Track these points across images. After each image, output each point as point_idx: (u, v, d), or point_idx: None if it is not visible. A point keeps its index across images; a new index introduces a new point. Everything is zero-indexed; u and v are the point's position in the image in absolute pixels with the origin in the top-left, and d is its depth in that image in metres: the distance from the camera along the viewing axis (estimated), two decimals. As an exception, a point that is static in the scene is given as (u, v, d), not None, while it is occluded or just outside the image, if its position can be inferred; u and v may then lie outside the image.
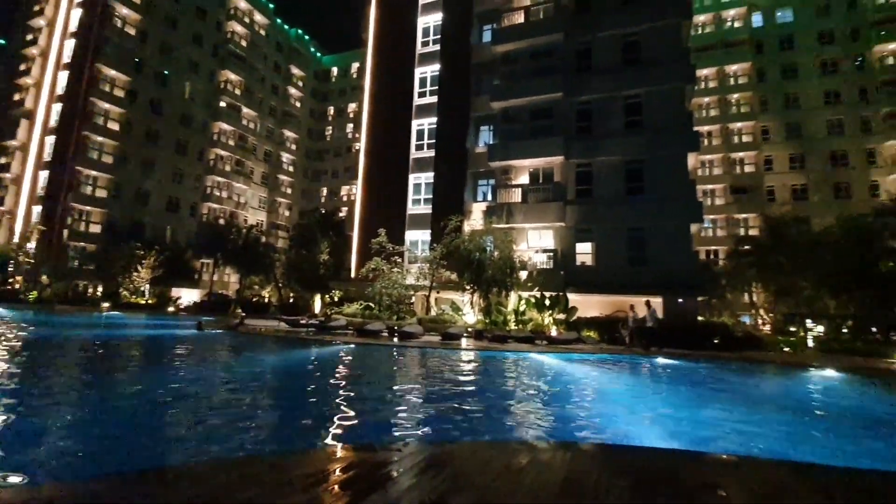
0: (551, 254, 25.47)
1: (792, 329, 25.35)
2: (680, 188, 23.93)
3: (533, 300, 21.65)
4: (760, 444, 5.97)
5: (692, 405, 8.58)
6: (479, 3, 31.15)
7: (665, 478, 3.54)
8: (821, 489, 3.47)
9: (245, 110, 56.50)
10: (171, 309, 36.06)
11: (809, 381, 12.51)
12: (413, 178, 31.36)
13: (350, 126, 63.86)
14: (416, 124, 32.08)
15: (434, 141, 30.76)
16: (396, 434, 5.37)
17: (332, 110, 66.97)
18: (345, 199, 60.53)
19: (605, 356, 15.06)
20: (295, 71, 64.96)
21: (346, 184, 60.95)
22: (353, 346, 15.36)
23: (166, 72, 48.39)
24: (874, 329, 22.25)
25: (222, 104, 53.74)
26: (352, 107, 63.73)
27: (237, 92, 55.40)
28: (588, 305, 22.98)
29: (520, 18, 29.20)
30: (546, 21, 28.15)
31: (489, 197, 28.75)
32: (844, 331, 23.60)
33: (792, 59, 46.54)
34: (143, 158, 45.96)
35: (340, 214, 52.85)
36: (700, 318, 23.40)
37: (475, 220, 26.14)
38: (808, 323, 25.01)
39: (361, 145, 34.68)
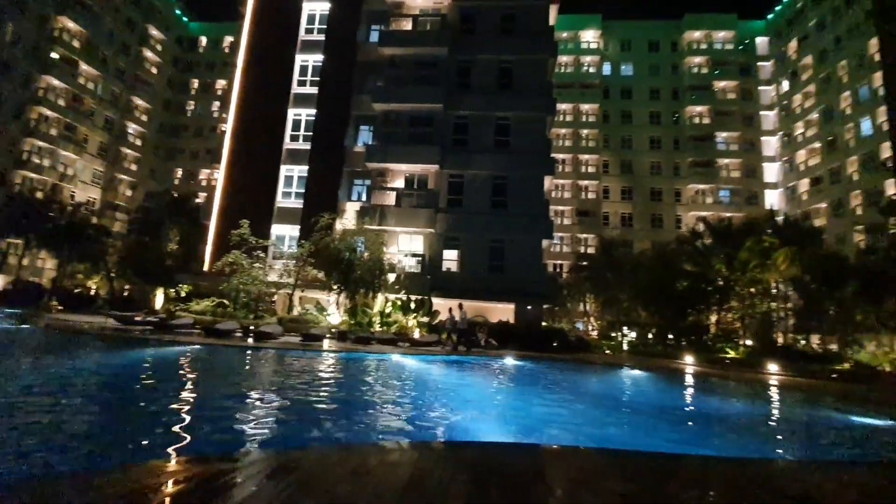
0: (420, 258, 26.36)
1: (613, 335, 30.08)
2: (536, 206, 26.80)
3: (399, 303, 22.14)
4: (581, 432, 7.11)
5: (531, 401, 9.76)
6: (368, 2, 30.90)
7: (501, 470, 3.76)
8: (629, 472, 4.06)
9: (84, 67, 46.95)
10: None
11: (620, 379, 15.07)
12: (285, 170, 29.68)
13: (217, 104, 57.45)
14: (292, 113, 30.44)
15: (311, 134, 29.54)
16: (238, 443, 5.03)
17: (196, 83, 59.47)
18: (204, 183, 54.21)
19: (461, 357, 16.12)
20: (154, 32, 56.16)
21: (206, 167, 54.64)
22: (198, 347, 13.96)
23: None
24: (671, 336, 27.51)
25: (54, 55, 44.02)
26: (221, 83, 57.35)
27: (76, 44, 45.93)
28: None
29: (408, 25, 29.75)
30: (432, 33, 29.15)
31: (364, 197, 28.61)
32: (650, 337, 28.74)
33: (629, 107, 55.39)
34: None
35: (197, 200, 47.24)
36: (544, 323, 26.41)
37: (348, 219, 25.77)
38: (625, 330, 30.01)
39: (228, 126, 31.64)
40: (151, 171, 56.15)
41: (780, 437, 8.24)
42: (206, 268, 28.39)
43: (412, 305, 21.96)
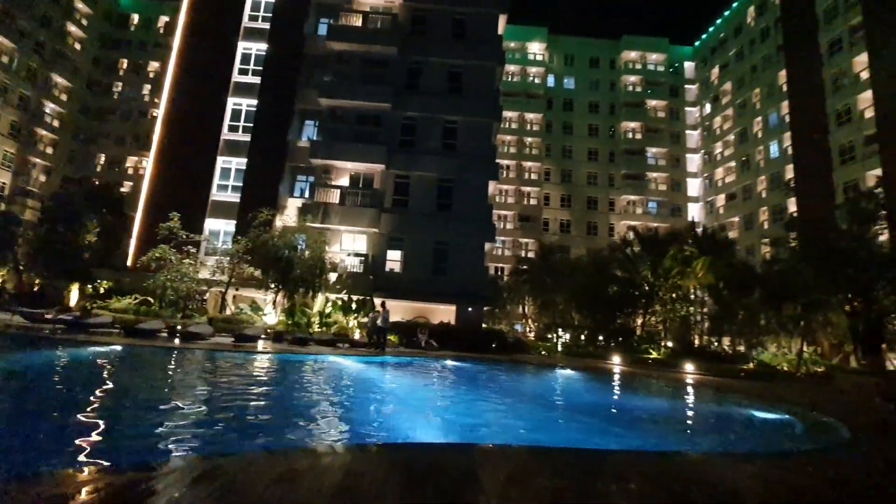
0: (363, 258, 26.07)
1: (549, 336, 31.35)
2: (480, 210, 27.38)
3: (340, 303, 21.78)
4: (513, 431, 7.41)
5: (468, 401, 10.01)
6: (317, -7, 30.14)
7: (435, 471, 3.79)
8: (558, 469, 4.26)
9: (-3, 38, 41.93)
10: None
11: (552, 378, 15.78)
12: (222, 161, 28.23)
13: (148, 87, 53.34)
14: (232, 102, 29.03)
15: (252, 125, 28.31)
16: (151, 453, 4.62)
17: (125, 64, 54.82)
18: (130, 172, 50.15)
19: (401, 359, 16.17)
20: (80, 5, 51.07)
21: (134, 154, 50.47)
22: (116, 348, 12.99)
23: None
24: (601, 337, 29.09)
25: (-39, 23, 38.82)
26: (154, 65, 53.32)
27: (-12, 13, 40.79)
28: (392, 310, 24.19)
29: (358, 22, 29.33)
30: (383, 32, 28.95)
31: (307, 194, 27.87)
32: (583, 338, 30.24)
33: (570, 119, 57.97)
34: None
35: (122, 190, 43.72)
36: (484, 325, 27.03)
37: (289, 215, 25.00)
38: (560, 331, 31.38)
39: (160, 112, 29.61)
40: (71, 156, 51.06)
41: (692, 431, 9.06)
42: (130, 263, 26.37)
43: (354, 306, 21.69)
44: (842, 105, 37.83)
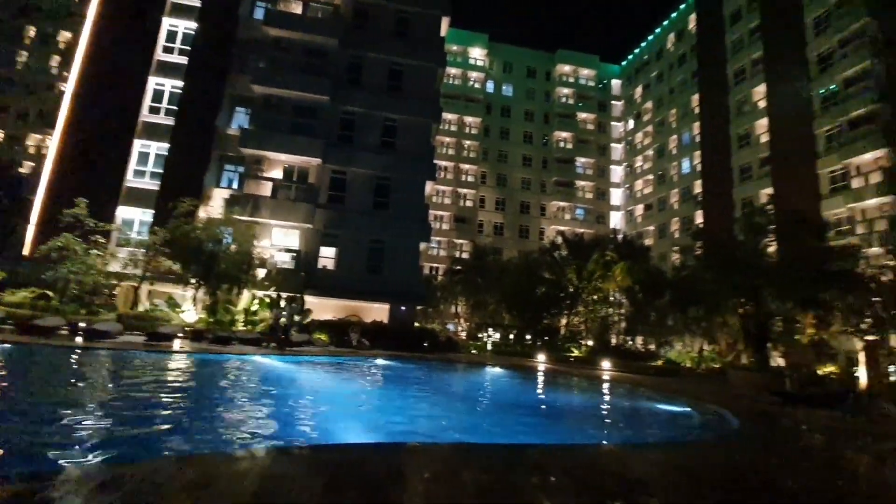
0: (294, 254, 25.23)
1: (480, 335, 32.20)
2: (417, 210, 27.52)
3: (268, 300, 20.92)
4: (441, 428, 7.61)
5: (395, 400, 10.10)
6: (252, -26, 28.64)
7: (359, 472, 3.74)
8: (483, 464, 4.44)
9: None
10: None
11: (481, 376, 16.29)
12: (140, 145, 26.00)
13: (57, 59, 47.57)
14: (154, 82, 26.83)
15: (176, 108, 26.31)
16: (37, 462, 4.24)
17: (31, 32, 48.47)
18: (32, 151, 44.51)
19: (331, 358, 15.89)
20: None
21: (37, 131, 44.85)
22: (7, 346, 11.63)
23: None
24: (529, 336, 30.37)
25: None
26: (66, 35, 47.62)
27: None
28: (324, 308, 23.72)
29: (298, 9, 28.33)
30: (324, 22, 28.16)
31: (235, 185, 26.45)
32: (511, 337, 31.39)
33: (507, 125, 59.84)
34: None
35: (21, 170, 38.70)
36: (417, 324, 27.22)
37: (214, 207, 23.56)
38: (490, 331, 32.36)
39: (69, 87, 26.62)
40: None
41: (606, 423, 9.81)
42: (26, 251, 23.52)
43: (282, 303, 20.88)
44: (743, 129, 42.42)
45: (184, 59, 26.97)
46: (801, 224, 23.95)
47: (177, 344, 14.97)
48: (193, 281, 19.69)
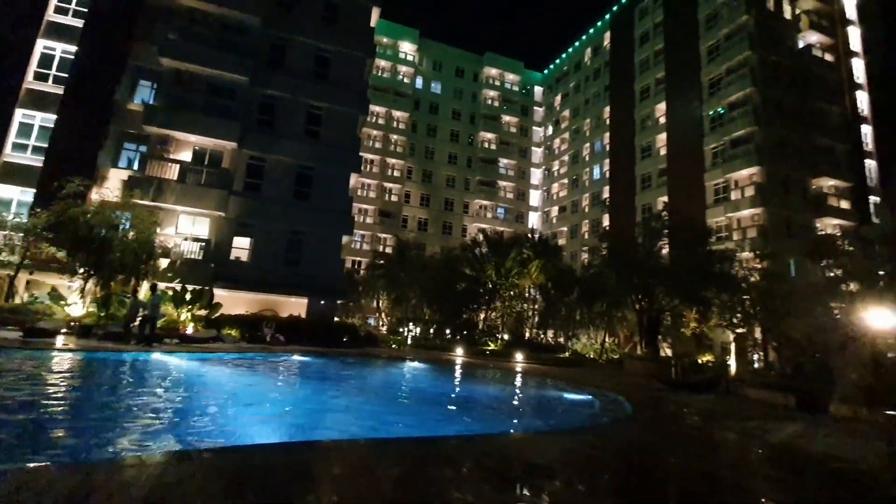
0: (203, 244, 23.51)
1: (401, 330, 32.34)
2: (340, 202, 26.91)
3: (171, 293, 19.33)
4: (354, 423, 7.64)
5: (308, 398, 9.93)
6: (160, -66, 25.97)
7: (262, 474, 3.60)
8: (396, 458, 4.55)
9: None
10: None
11: (399, 370, 16.46)
12: (22, 115, 22.58)
13: None
14: (42, 45, 23.42)
15: (67, 76, 23.16)
16: None
17: None
18: None
19: (241, 355, 15.13)
20: None
21: None
22: None
23: None
24: (448, 331, 31.08)
25: None
26: None
27: None
28: (236, 302, 22.46)
29: (214, -20, 26.15)
30: (244, -3, 26.33)
31: (136, 165, 23.97)
32: (431, 332, 31.91)
33: (435, 122, 60.34)
34: None
35: None
36: (336, 319, 26.70)
37: (110, 188, 21.15)
38: (411, 326, 32.63)
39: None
40: None
41: (515, 412, 10.45)
42: None
43: (188, 297, 19.41)
44: (645, 142, 46.68)
45: (79, 22, 23.83)
46: (690, 230, 27.05)
47: (60, 340, 13.37)
48: (82, 271, 17.62)
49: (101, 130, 23.08)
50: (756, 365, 25.30)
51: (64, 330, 15.16)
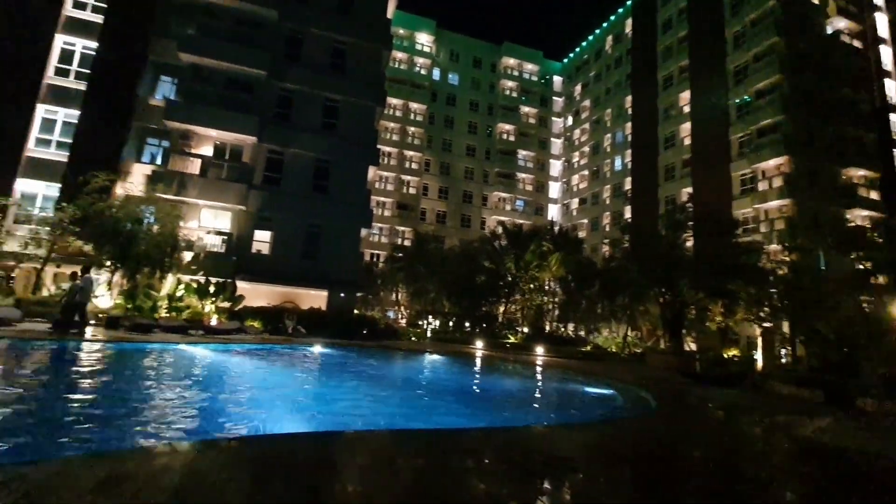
0: (225, 237, 23.86)
1: (420, 323, 32.37)
2: (358, 195, 26.95)
3: (195, 285, 19.66)
4: (378, 414, 7.59)
5: (332, 389, 9.94)
6: (179, -70, 26.20)
7: (289, 463, 3.64)
8: (419, 450, 4.50)
9: None
10: None
11: (419, 362, 16.43)
12: (44, 111, 23.19)
13: None
14: (62, 40, 23.94)
15: (89, 72, 23.65)
16: None
17: None
18: None
19: (264, 346, 15.29)
20: None
21: None
22: None
23: None
24: (468, 323, 30.98)
25: None
26: None
27: None
28: (257, 295, 22.73)
29: (229, -27, 26.30)
30: (261, -9, 26.43)
31: (159, 160, 24.44)
32: (451, 325, 31.87)
33: (452, 114, 59.93)
34: None
35: None
36: (356, 311, 26.84)
37: (134, 183, 21.62)
38: (430, 318, 32.62)
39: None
40: None
41: (538, 406, 10.28)
42: None
43: (211, 289, 19.73)
44: (669, 132, 45.47)
45: (99, 17, 24.27)
46: (715, 222, 26.24)
47: (88, 332, 13.69)
48: (108, 264, 18.05)
49: (123, 126, 23.54)
50: (783, 360, 24.53)
51: (93, 321, 15.54)
